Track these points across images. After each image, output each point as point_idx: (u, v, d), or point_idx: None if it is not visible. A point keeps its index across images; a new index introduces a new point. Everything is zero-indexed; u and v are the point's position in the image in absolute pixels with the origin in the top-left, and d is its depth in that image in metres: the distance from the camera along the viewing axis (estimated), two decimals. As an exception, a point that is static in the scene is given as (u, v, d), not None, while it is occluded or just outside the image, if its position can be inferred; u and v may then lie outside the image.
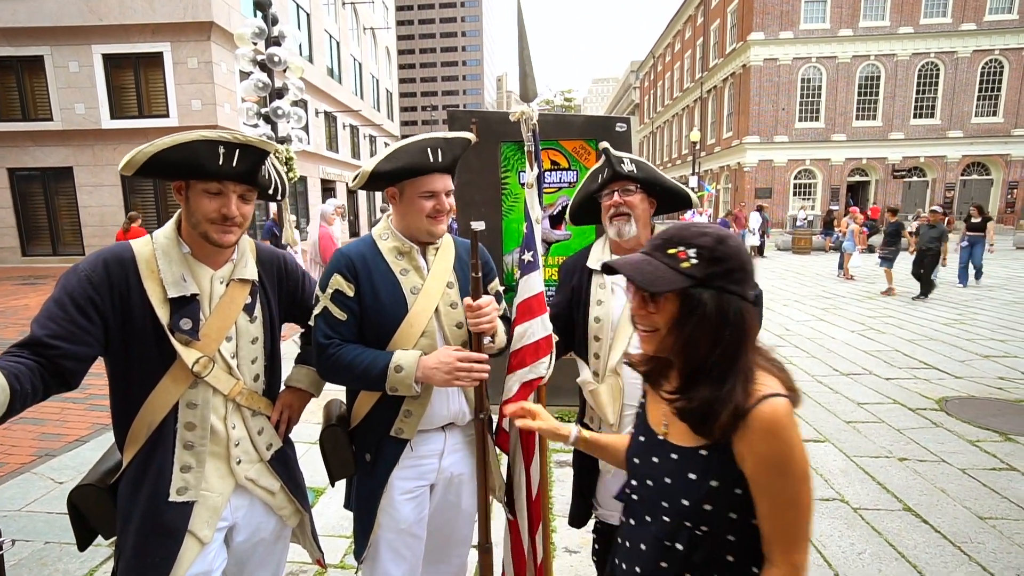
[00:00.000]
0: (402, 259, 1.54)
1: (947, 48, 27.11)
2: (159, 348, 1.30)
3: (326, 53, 23.67)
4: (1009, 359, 5.84)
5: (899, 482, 3.30)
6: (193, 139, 1.24)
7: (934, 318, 7.97)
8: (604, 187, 1.77)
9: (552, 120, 4.17)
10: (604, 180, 1.77)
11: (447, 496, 1.64)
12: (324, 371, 1.50)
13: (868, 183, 28.89)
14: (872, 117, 28.08)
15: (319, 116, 22.34)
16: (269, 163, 1.43)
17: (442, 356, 1.44)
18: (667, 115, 44.41)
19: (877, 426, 4.14)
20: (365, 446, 1.55)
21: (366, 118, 28.85)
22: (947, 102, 27.54)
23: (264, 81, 6.74)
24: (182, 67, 14.79)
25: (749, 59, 27.79)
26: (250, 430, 1.46)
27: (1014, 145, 27.40)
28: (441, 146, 1.51)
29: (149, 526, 1.30)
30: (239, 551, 1.49)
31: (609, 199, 1.75)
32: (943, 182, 28.05)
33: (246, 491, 1.45)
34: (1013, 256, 16.75)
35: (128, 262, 1.31)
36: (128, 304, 1.28)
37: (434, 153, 1.49)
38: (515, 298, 1.73)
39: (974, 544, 2.69)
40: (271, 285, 1.54)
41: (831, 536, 2.77)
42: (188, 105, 14.84)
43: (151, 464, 1.32)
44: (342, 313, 1.48)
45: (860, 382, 5.18)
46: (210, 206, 1.31)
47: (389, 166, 1.47)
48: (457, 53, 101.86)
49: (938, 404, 4.57)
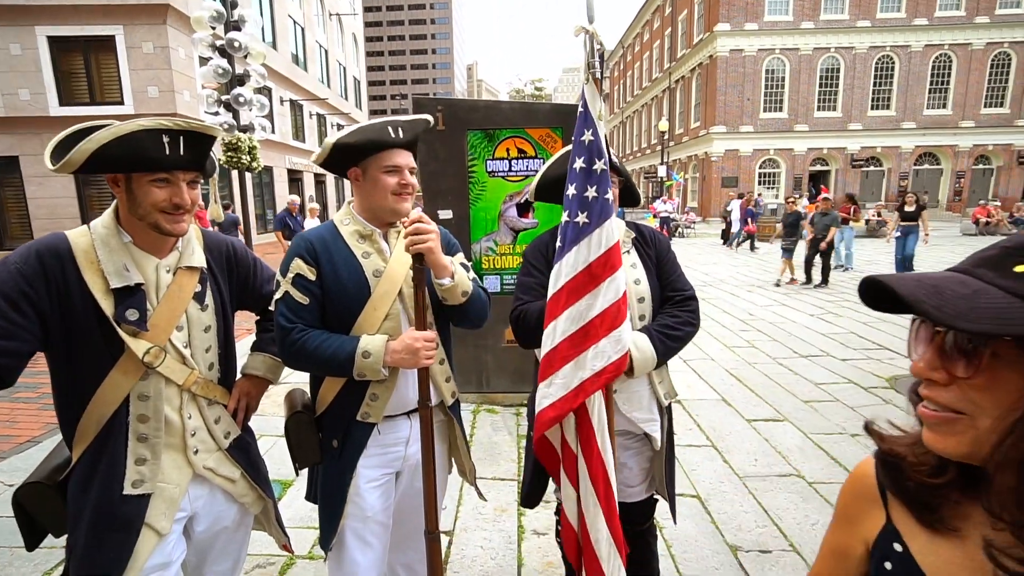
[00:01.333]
0: (364, 242, 1.54)
1: (901, 42, 28.11)
2: (105, 340, 1.27)
3: (290, 39, 22.98)
4: (954, 339, 6.17)
5: (852, 457, 3.47)
6: (134, 130, 1.20)
7: None
8: None
9: (519, 108, 4.18)
10: None
11: (413, 483, 1.65)
12: (288, 357, 1.48)
13: (829, 172, 29.82)
14: (832, 108, 28.96)
15: (284, 104, 21.73)
16: None
17: (406, 339, 1.44)
18: (636, 105, 44.79)
19: (832, 404, 4.33)
20: (332, 432, 1.54)
21: (333, 107, 28.19)
22: (901, 94, 28.61)
23: (224, 67, 6.51)
24: (136, 52, 14.15)
25: (716, 50, 28.23)
26: (206, 419, 1.44)
27: (961, 137, 28.71)
28: (402, 125, 1.52)
29: (103, 521, 1.27)
30: (199, 541, 1.48)
31: None
32: (897, 171, 29.21)
33: (205, 480, 1.44)
34: (959, 242, 17.60)
35: (64, 253, 1.26)
36: (67, 297, 1.24)
37: (395, 130, 1.50)
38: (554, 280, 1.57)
39: (917, 511, 2.86)
40: (221, 272, 1.51)
41: (787, 509, 2.90)
42: (144, 92, 14.22)
43: (102, 458, 1.29)
44: (304, 297, 1.46)
45: (818, 363, 5.40)
46: (160, 195, 1.27)
47: (351, 139, 1.47)
48: (427, 41, 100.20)
49: (888, 382, 4.80)
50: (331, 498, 1.54)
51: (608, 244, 1.54)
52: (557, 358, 1.55)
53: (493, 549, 2.58)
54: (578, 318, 1.55)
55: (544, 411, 1.55)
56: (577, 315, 1.55)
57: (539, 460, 1.74)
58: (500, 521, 2.81)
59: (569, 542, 1.70)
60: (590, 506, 1.59)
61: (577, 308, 1.55)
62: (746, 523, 2.79)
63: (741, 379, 4.98)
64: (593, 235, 1.54)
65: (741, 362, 5.50)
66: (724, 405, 4.36)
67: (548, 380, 1.55)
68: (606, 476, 1.56)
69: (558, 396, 1.53)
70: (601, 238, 1.54)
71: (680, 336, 1.69)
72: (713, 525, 2.77)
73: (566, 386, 1.53)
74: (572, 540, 1.68)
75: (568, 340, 1.54)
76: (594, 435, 1.56)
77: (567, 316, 1.55)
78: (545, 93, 60.44)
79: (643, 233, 1.86)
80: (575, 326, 1.54)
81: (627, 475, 1.88)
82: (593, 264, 1.54)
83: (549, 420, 1.55)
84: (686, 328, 1.71)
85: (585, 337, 1.53)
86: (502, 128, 4.10)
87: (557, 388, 1.54)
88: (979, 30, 27.86)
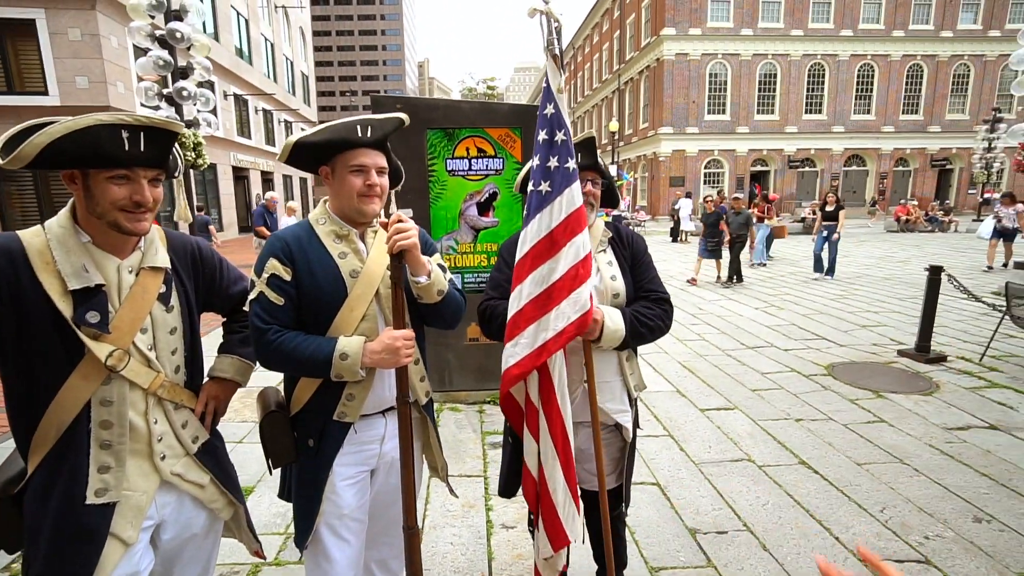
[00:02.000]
0: (340, 242, 1.52)
1: (831, 51, 29.99)
2: (64, 344, 1.21)
3: (234, 31, 22.00)
4: (881, 327, 6.67)
5: (796, 440, 3.71)
6: (90, 124, 1.15)
7: (823, 294, 8.90)
8: None
9: (478, 107, 4.20)
10: (580, 165, 1.78)
11: (388, 480, 1.66)
12: (264, 358, 1.46)
13: (768, 172, 31.40)
14: (771, 111, 30.53)
15: (228, 99, 20.78)
16: None
17: (385, 339, 1.44)
18: (587, 105, 45.59)
19: (778, 392, 4.61)
20: (308, 431, 1.53)
21: (280, 102, 27.20)
22: (832, 100, 30.54)
23: (165, 59, 6.17)
24: (61, 39, 13.18)
25: (662, 53, 29.14)
26: (173, 424, 1.39)
27: (884, 140, 30.98)
28: (372, 123, 1.49)
29: (65, 532, 1.22)
30: (167, 550, 1.44)
31: (583, 186, 1.80)
32: (829, 172, 31.15)
33: (173, 487, 1.40)
34: (884, 239, 18.98)
35: (16, 254, 1.20)
36: (20, 299, 1.18)
37: (363, 129, 1.48)
38: (522, 241, 1.64)
39: (852, 487, 3.10)
40: (186, 272, 1.47)
41: (740, 492, 3.07)
42: (72, 82, 13.27)
43: (62, 467, 1.24)
44: (279, 298, 1.44)
45: (763, 354, 5.71)
46: (119, 193, 1.22)
47: (314, 138, 1.45)
48: (376, 37, 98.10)
49: (826, 370, 5.15)
50: (307, 496, 1.52)
51: (569, 210, 1.62)
52: (523, 320, 1.63)
53: (463, 544, 2.61)
54: (541, 281, 1.63)
55: (509, 369, 1.64)
56: (540, 279, 1.63)
57: (506, 416, 1.83)
58: (468, 517, 2.83)
59: (529, 494, 1.79)
60: (549, 458, 1.68)
61: (540, 272, 1.63)
62: (703, 507, 2.94)
63: (693, 370, 5.21)
64: (555, 203, 1.62)
65: (693, 354, 5.75)
66: (678, 396, 4.55)
67: (514, 340, 1.63)
68: (564, 430, 1.66)
69: (523, 355, 1.62)
70: (562, 205, 1.62)
71: (651, 326, 1.77)
72: (673, 510, 2.90)
73: (530, 345, 1.61)
74: (532, 491, 1.77)
75: (533, 302, 1.63)
76: (555, 392, 1.66)
77: (531, 280, 1.64)
78: (497, 92, 60.48)
79: (620, 234, 1.93)
80: (539, 288, 1.63)
81: None
82: (555, 230, 1.62)
83: (514, 378, 1.65)
84: (658, 322, 1.78)
85: (548, 299, 1.62)
86: (462, 127, 4.11)
87: (522, 347, 1.62)
88: (896, 43, 30.14)
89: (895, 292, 9.03)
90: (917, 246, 16.37)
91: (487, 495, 3.05)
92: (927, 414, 4.07)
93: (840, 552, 2.52)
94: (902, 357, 5.43)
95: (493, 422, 4.03)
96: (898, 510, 2.86)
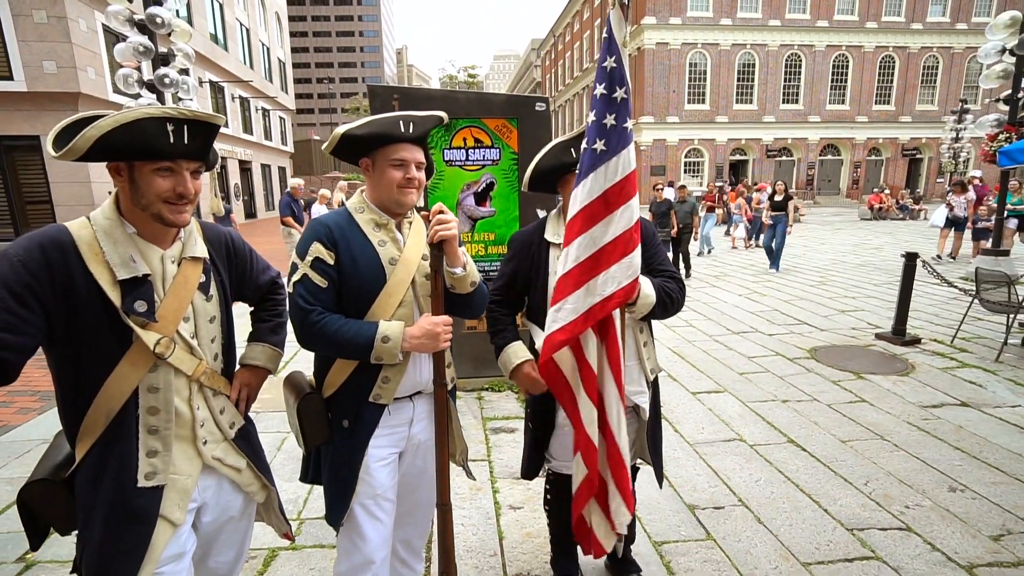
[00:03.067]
0: (380, 231, 1.57)
1: (807, 41, 30.52)
2: (114, 333, 1.25)
3: (208, 16, 21.35)
4: (859, 312, 6.94)
5: (783, 420, 3.88)
6: (138, 117, 1.18)
7: (803, 281, 9.18)
8: (577, 163, 1.80)
9: (475, 98, 4.23)
10: (578, 158, 1.77)
11: (415, 462, 1.73)
12: (306, 338, 1.50)
13: (747, 162, 31.93)
14: (749, 101, 30.99)
15: (204, 86, 20.21)
16: None
17: (425, 325, 1.51)
18: (568, 94, 45.55)
19: (764, 375, 4.79)
20: (343, 413, 1.58)
21: (257, 89, 26.55)
22: (808, 90, 31.12)
23: (146, 45, 6.01)
24: (26, 20, 12.63)
25: (643, 42, 29.27)
26: (213, 410, 1.44)
27: (858, 130, 31.75)
28: (414, 120, 1.55)
29: (119, 514, 1.26)
30: (206, 532, 1.49)
31: None
32: (806, 161, 31.82)
33: (213, 471, 1.44)
34: (858, 226, 19.53)
35: (68, 246, 1.22)
36: (71, 290, 1.21)
37: (405, 125, 1.53)
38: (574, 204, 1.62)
39: (839, 463, 3.28)
40: (221, 263, 1.51)
41: (734, 470, 3.22)
42: (39, 67, 12.74)
43: (112, 452, 1.27)
44: (323, 280, 1.49)
45: (748, 339, 5.90)
46: (164, 185, 1.25)
47: (360, 131, 1.50)
48: (354, 23, 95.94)
49: (809, 353, 5.36)
50: (342, 477, 1.58)
51: (624, 172, 1.58)
52: (569, 283, 1.60)
53: (474, 525, 2.69)
54: (591, 244, 1.60)
55: (554, 334, 1.60)
56: (590, 241, 1.60)
57: (548, 383, 1.76)
58: (476, 499, 2.92)
59: (591, 460, 1.74)
60: (614, 415, 1.68)
61: (591, 235, 1.60)
62: (700, 484, 3.07)
63: (683, 356, 5.37)
64: (610, 163, 1.58)
65: (682, 340, 5.91)
66: (671, 380, 4.69)
67: (558, 305, 1.60)
68: (622, 388, 1.70)
69: (568, 320, 1.59)
70: (618, 166, 1.58)
71: (673, 299, 1.83)
72: (672, 488, 3.03)
73: (576, 311, 1.59)
74: (594, 458, 1.73)
75: (580, 266, 1.60)
76: (618, 349, 1.64)
77: (580, 243, 1.60)
78: (478, 80, 59.98)
79: None
80: (587, 252, 1.60)
81: None
82: (608, 191, 1.59)
83: (558, 343, 1.61)
84: (677, 296, 1.86)
85: (596, 263, 1.59)
86: (458, 118, 4.14)
87: (567, 313, 1.59)
88: (869, 34, 30.81)
89: (870, 278, 9.36)
90: (890, 233, 16.91)
91: (492, 477, 3.14)
92: (904, 393, 4.28)
93: (829, 522, 2.69)
94: (880, 340, 5.68)
95: (493, 408, 4.11)
96: (880, 483, 3.04)
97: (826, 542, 2.54)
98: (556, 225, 1.92)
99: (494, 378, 4.51)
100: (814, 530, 2.63)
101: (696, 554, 2.48)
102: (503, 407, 4.14)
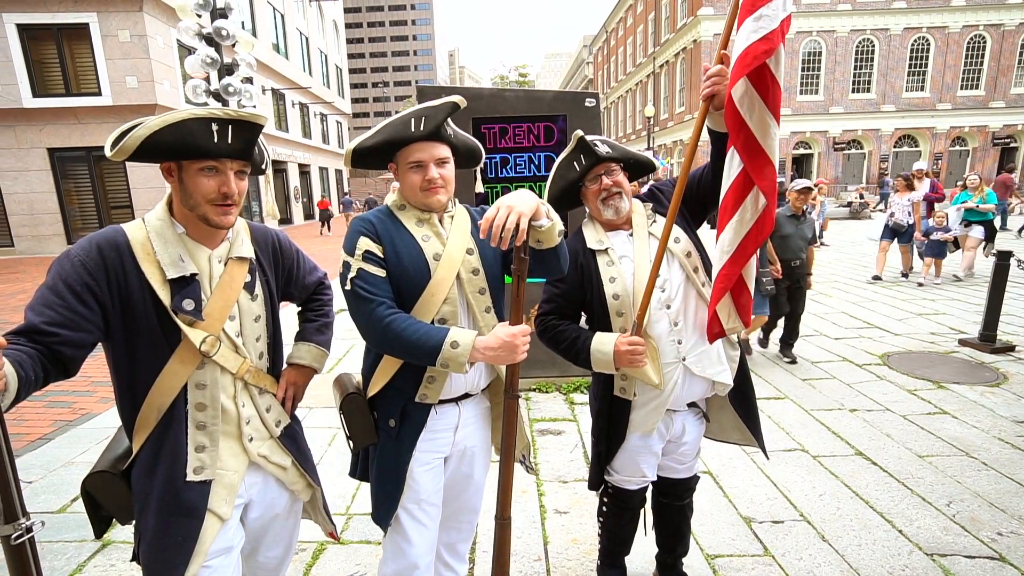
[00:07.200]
0: (423, 226, 1.54)
1: (881, 25, 28.43)
2: (164, 330, 1.29)
3: (270, 27, 22.49)
4: (939, 316, 6.38)
5: (851, 430, 3.61)
6: (184, 118, 1.22)
7: (874, 281, 8.54)
8: (586, 173, 1.80)
9: (523, 96, 4.18)
10: (585, 167, 1.79)
11: (460, 467, 1.70)
12: (373, 333, 1.44)
13: (812, 155, 30.22)
14: (815, 91, 29.27)
15: (266, 94, 21.32)
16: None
17: (503, 336, 1.40)
18: (621, 90, 44.73)
19: (829, 382, 4.48)
20: (389, 412, 1.56)
21: (316, 95, 27.72)
22: (881, 77, 29.01)
23: (212, 56, 6.37)
24: (112, 40, 13.75)
25: (699, 34, 28.26)
26: (259, 408, 1.47)
27: (939, 118, 29.27)
28: (425, 114, 1.48)
29: (169, 507, 1.31)
30: (253, 528, 1.52)
31: (596, 184, 1.79)
32: (878, 153, 29.71)
33: (259, 468, 1.47)
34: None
35: (123, 246, 1.28)
36: (127, 289, 1.27)
37: (417, 123, 1.47)
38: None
39: (915, 479, 3.00)
40: (268, 263, 1.53)
41: (795, 482, 3.02)
42: (122, 82, 13.84)
43: (164, 446, 1.32)
44: (379, 270, 1.45)
45: (812, 343, 5.55)
46: (209, 185, 1.29)
47: (368, 143, 1.48)
48: (407, 27, 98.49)
49: (881, 359, 4.97)
50: (389, 477, 1.57)
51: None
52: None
53: (518, 529, 2.65)
54: None
55: (756, 44, 1.55)
56: None
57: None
58: (522, 502, 2.88)
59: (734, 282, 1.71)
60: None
61: None
62: (757, 496, 2.90)
63: (740, 360, 5.10)
64: None
65: (738, 343, 5.63)
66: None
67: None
68: None
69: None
70: None
71: None
72: (726, 499, 2.88)
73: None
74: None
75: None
76: None
77: None
78: (528, 80, 59.99)
79: (659, 200, 1.91)
80: None
81: (685, 451, 1.97)
82: None
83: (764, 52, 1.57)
84: None
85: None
86: (506, 116, 4.10)
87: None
88: (955, 13, 28.28)
89: (952, 278, 8.59)
90: (975, 230, 15.48)
91: (539, 481, 3.09)
92: (994, 406, 3.88)
93: (904, 545, 2.46)
94: (964, 346, 5.19)
95: (540, 410, 4.06)
96: (966, 504, 2.76)
97: (901, 567, 2.33)
98: (595, 232, 1.85)
99: (541, 379, 4.46)
100: (887, 552, 2.42)
101: (752, 570, 2.34)
102: (550, 409, 4.08)
